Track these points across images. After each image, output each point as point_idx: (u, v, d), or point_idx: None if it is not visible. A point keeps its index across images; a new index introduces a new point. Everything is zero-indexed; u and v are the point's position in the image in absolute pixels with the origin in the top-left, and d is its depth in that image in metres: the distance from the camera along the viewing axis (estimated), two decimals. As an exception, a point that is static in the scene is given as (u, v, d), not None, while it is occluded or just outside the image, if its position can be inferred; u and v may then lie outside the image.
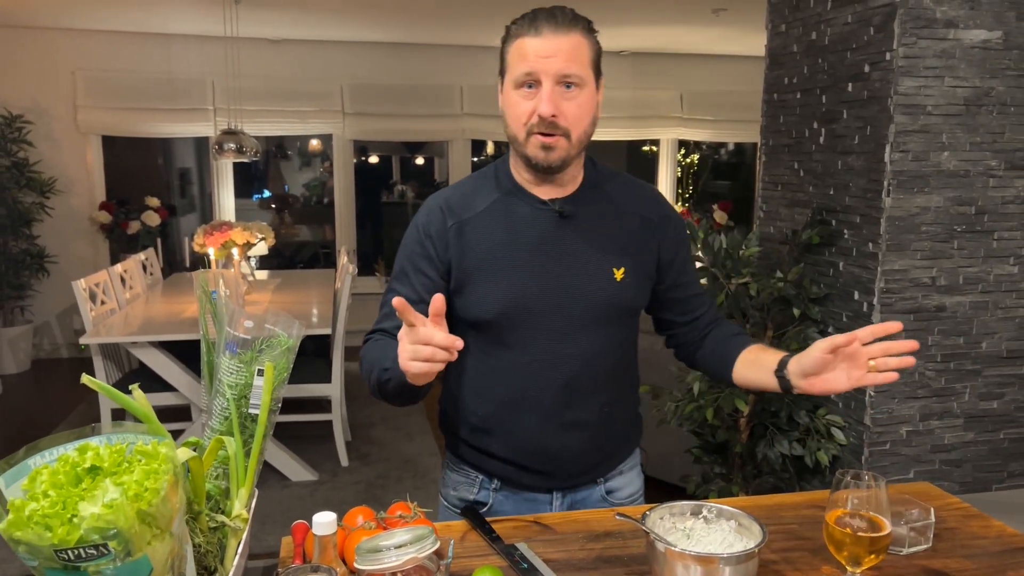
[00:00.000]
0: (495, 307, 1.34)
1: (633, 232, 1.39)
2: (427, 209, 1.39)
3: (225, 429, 1.02)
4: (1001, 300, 2.52)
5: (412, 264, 1.37)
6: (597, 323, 1.37)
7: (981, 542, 1.27)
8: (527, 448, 1.40)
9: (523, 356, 1.35)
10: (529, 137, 1.28)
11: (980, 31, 2.37)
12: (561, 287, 1.34)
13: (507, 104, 1.30)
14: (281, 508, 3.53)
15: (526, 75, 1.25)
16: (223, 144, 4.61)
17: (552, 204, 1.35)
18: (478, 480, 1.46)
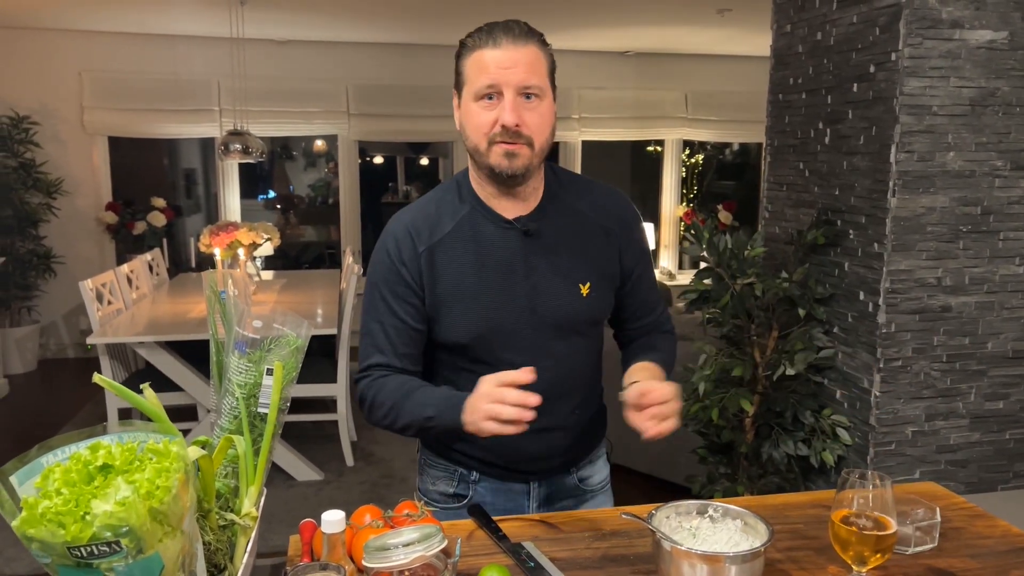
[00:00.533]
0: (469, 332, 1.36)
1: (596, 245, 1.42)
2: (394, 234, 1.38)
3: (235, 428, 1.03)
4: (1007, 300, 2.52)
5: (390, 291, 1.37)
6: (566, 336, 1.41)
7: (986, 542, 1.27)
8: (504, 453, 1.44)
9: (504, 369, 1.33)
10: (491, 146, 1.29)
11: (986, 31, 2.37)
12: (531, 307, 1.37)
13: (467, 116, 1.31)
14: (287, 508, 3.54)
15: (488, 87, 1.27)
16: (229, 145, 4.63)
17: (517, 223, 1.37)
18: (457, 473, 1.48)
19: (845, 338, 2.62)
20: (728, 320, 2.69)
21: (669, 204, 7.40)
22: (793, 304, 2.65)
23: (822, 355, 2.65)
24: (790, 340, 2.66)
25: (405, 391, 1.34)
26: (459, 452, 1.47)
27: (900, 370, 2.47)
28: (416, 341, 1.39)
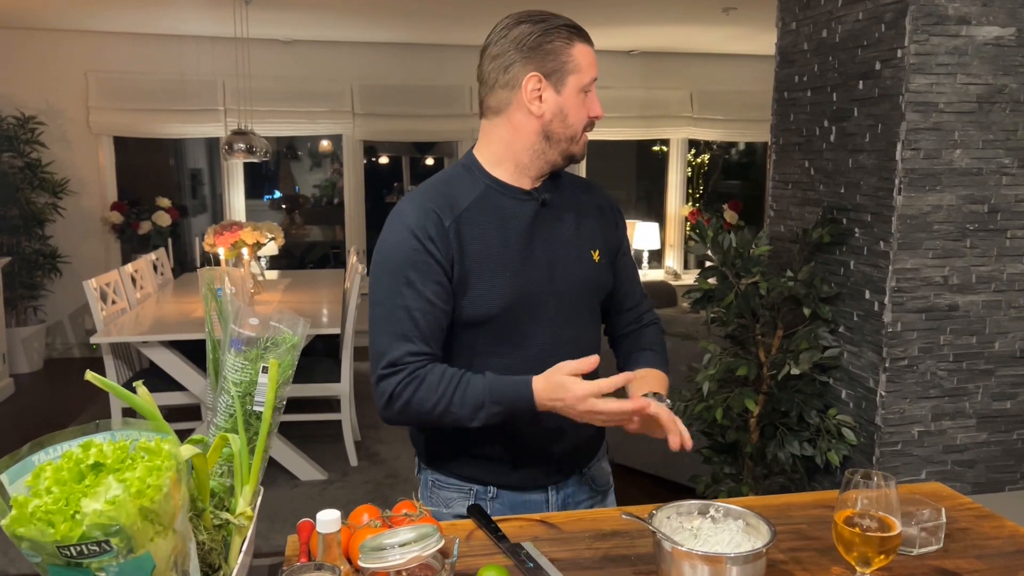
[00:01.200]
0: (500, 302, 1.34)
1: (595, 218, 1.48)
2: (415, 211, 1.33)
3: (230, 427, 1.02)
4: (1014, 299, 2.49)
5: (418, 273, 1.30)
6: (584, 307, 1.44)
7: (993, 543, 1.25)
8: (529, 444, 1.41)
9: (526, 349, 1.37)
10: (581, 136, 1.38)
11: (993, 27, 2.34)
12: (553, 274, 1.39)
13: (570, 105, 1.35)
14: (290, 507, 3.53)
15: (593, 79, 1.36)
16: (233, 144, 4.63)
17: (534, 193, 1.40)
18: (473, 491, 1.44)
19: (851, 337, 2.60)
20: (733, 319, 2.67)
21: (674, 203, 7.38)
22: (798, 303, 2.63)
23: (827, 354, 2.63)
24: (795, 339, 2.64)
25: (452, 382, 1.28)
26: (474, 467, 1.43)
27: (906, 369, 2.45)
28: (443, 325, 1.33)
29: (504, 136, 1.37)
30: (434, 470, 1.48)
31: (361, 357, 5.91)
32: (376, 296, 1.33)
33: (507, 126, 1.37)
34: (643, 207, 7.62)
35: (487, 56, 1.37)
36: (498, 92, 1.36)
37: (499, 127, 1.38)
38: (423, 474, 1.52)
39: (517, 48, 1.32)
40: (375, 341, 1.33)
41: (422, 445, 1.50)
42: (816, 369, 2.67)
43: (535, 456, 1.43)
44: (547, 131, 1.35)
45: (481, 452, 1.42)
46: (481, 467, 1.43)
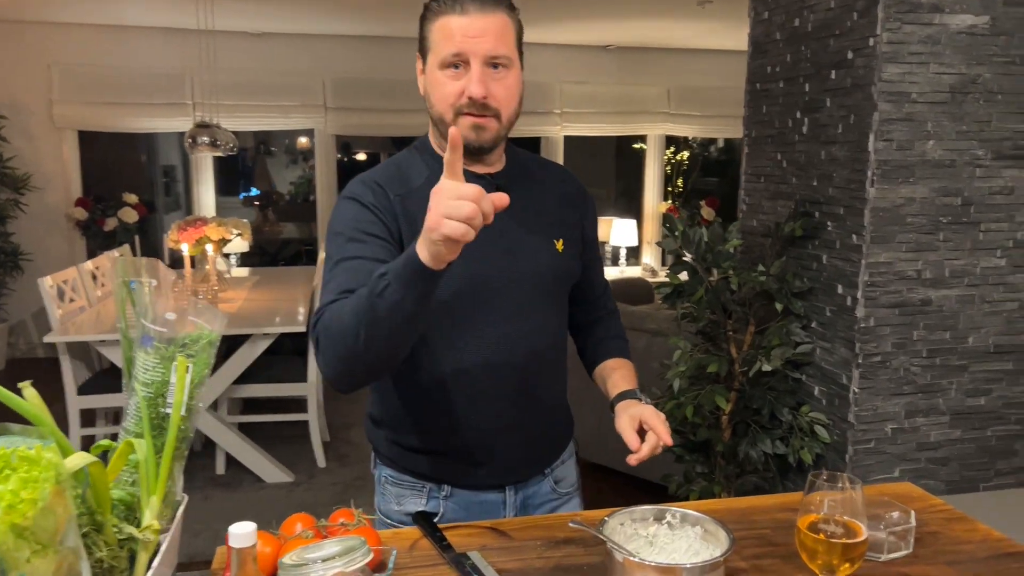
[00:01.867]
0: (452, 285, 1.23)
1: (561, 207, 1.42)
2: (359, 186, 1.30)
3: (140, 431, 0.93)
4: (988, 294, 2.45)
5: (362, 229, 1.23)
6: (545, 297, 1.36)
7: (966, 547, 1.19)
8: (488, 440, 1.34)
9: (481, 339, 1.30)
10: (458, 118, 1.24)
11: (967, 16, 2.29)
12: (511, 261, 1.31)
13: (432, 84, 1.26)
14: (255, 511, 3.43)
15: (454, 56, 1.21)
16: (197, 138, 4.51)
17: (489, 178, 1.32)
18: (426, 489, 1.37)
19: (823, 333, 2.54)
20: (704, 315, 2.61)
21: (652, 200, 7.33)
22: (770, 298, 2.57)
23: (800, 350, 2.57)
24: (767, 335, 2.58)
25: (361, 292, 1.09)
26: (428, 464, 1.37)
27: (879, 366, 2.40)
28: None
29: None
30: (387, 466, 1.42)
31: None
32: (323, 270, 1.28)
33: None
34: (622, 204, 7.57)
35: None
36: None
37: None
38: (378, 469, 1.45)
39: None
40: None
41: (376, 439, 1.43)
42: (788, 366, 2.62)
43: (493, 453, 1.35)
44: (428, 112, 1.29)
45: (435, 448, 1.36)
46: (435, 464, 1.36)
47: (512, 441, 1.35)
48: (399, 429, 1.38)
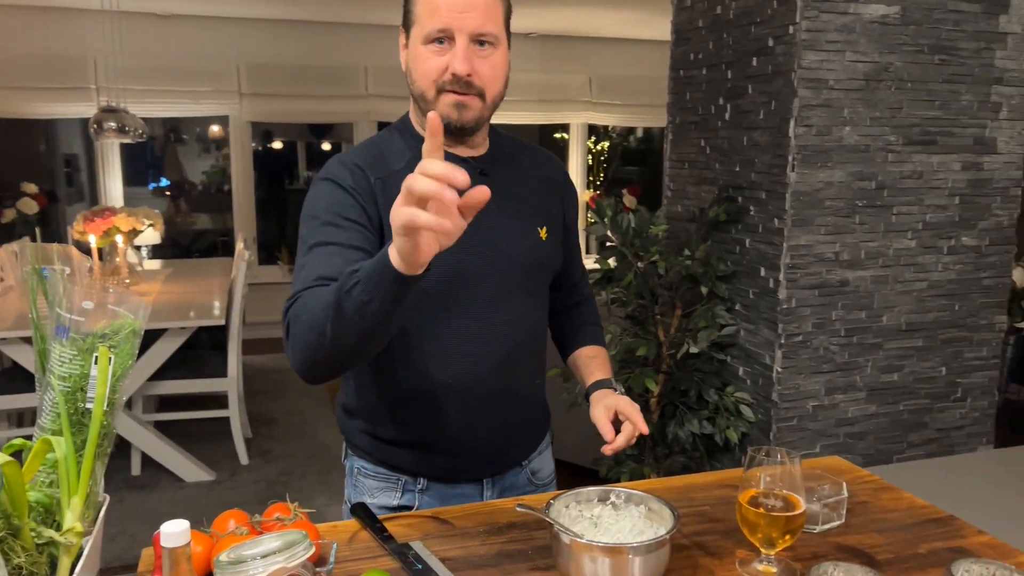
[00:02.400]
0: (433, 275, 1.17)
1: (544, 193, 1.38)
2: (337, 167, 1.23)
3: (57, 428, 0.87)
4: (900, 274, 2.55)
5: (339, 213, 1.18)
6: (527, 287, 1.33)
7: (893, 515, 1.23)
8: (465, 431, 1.30)
9: (461, 328, 1.25)
10: (440, 95, 1.19)
11: (879, 6, 2.38)
12: (494, 249, 1.27)
13: (415, 59, 1.20)
14: (174, 511, 3.30)
15: (439, 31, 1.16)
16: (103, 123, 4.28)
17: (472, 163, 1.28)
18: (401, 482, 1.33)
19: (747, 315, 2.60)
20: (632, 299, 2.64)
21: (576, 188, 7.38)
22: (696, 282, 2.62)
23: (725, 332, 2.63)
24: (693, 318, 2.63)
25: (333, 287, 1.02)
26: (404, 456, 1.32)
27: (800, 345, 2.48)
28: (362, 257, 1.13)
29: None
30: (360, 457, 1.37)
31: (250, 350, 5.65)
32: (297, 253, 1.20)
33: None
34: (544, 192, 7.59)
35: None
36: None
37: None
38: (349, 460, 1.39)
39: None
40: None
41: (349, 430, 1.38)
42: (714, 347, 2.67)
43: (470, 445, 1.32)
44: (409, 88, 1.24)
45: (412, 440, 1.31)
46: (410, 456, 1.32)
47: (490, 432, 1.32)
48: (374, 420, 1.33)
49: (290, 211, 7.17)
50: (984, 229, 2.62)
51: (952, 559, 0.96)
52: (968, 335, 2.66)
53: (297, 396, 4.90)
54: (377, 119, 6.46)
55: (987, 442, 2.76)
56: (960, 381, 2.68)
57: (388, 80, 6.32)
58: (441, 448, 1.31)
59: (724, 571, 1.06)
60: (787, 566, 1.06)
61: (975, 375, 2.70)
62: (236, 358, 3.74)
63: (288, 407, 4.66)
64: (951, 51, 2.48)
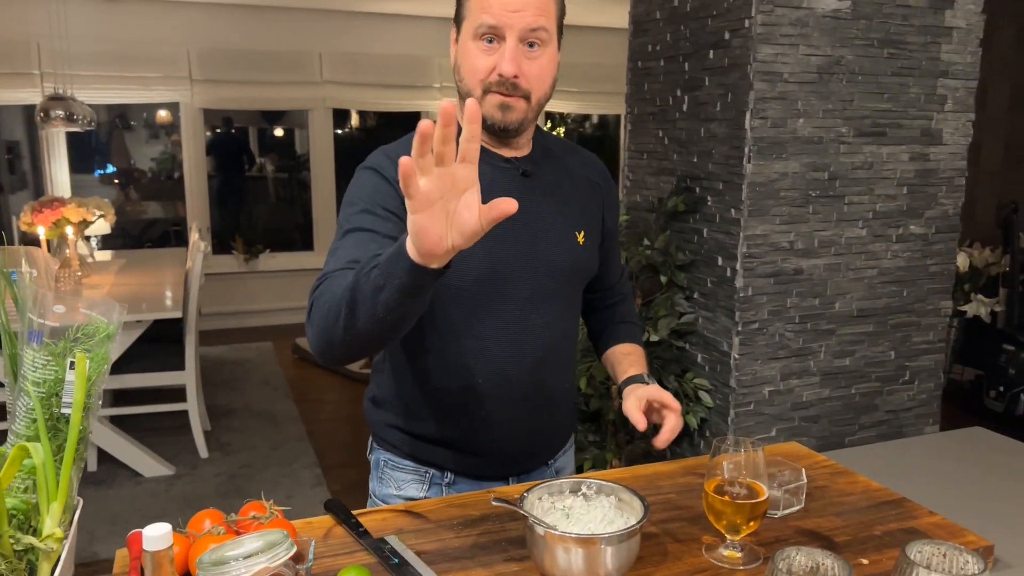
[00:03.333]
0: (471, 273, 1.21)
1: (585, 195, 1.37)
2: (381, 157, 1.23)
3: (33, 434, 0.86)
4: (852, 262, 2.63)
5: (377, 203, 1.18)
6: (562, 289, 1.33)
7: (849, 499, 1.29)
8: (497, 430, 1.31)
9: (498, 329, 1.26)
10: (486, 95, 1.19)
11: (831, 0, 2.43)
12: (532, 251, 1.27)
13: (463, 55, 1.20)
14: (133, 507, 3.26)
15: (490, 28, 1.16)
16: (50, 111, 4.16)
17: (515, 163, 1.28)
18: (428, 475, 1.34)
19: (705, 303, 2.66)
20: (594, 289, 2.67)
21: (532, 175, 7.41)
22: (656, 271, 2.67)
23: (684, 320, 2.68)
24: (653, 307, 2.67)
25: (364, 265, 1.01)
26: (433, 451, 1.32)
27: (757, 332, 2.54)
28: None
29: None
30: (387, 450, 1.37)
31: (206, 341, 5.57)
32: (334, 239, 1.20)
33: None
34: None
35: None
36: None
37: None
38: (375, 454, 1.40)
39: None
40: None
41: (377, 423, 1.38)
42: (673, 335, 2.73)
43: (500, 444, 1.33)
44: (457, 85, 1.23)
45: (442, 435, 1.32)
46: (440, 451, 1.33)
47: (520, 433, 1.33)
48: (405, 415, 1.34)
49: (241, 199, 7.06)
50: (931, 218, 2.71)
51: (906, 540, 1.02)
52: (916, 320, 2.76)
53: (255, 387, 4.85)
54: (332, 106, 6.39)
55: (933, 422, 2.87)
56: (908, 364, 2.78)
57: (342, 66, 6.25)
58: (471, 446, 1.32)
59: (691, 557, 1.10)
60: (751, 551, 1.11)
61: (923, 358, 2.80)
62: (193, 350, 3.69)
63: (247, 399, 4.62)
64: (900, 45, 2.55)
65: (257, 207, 7.09)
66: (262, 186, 7.27)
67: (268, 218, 6.98)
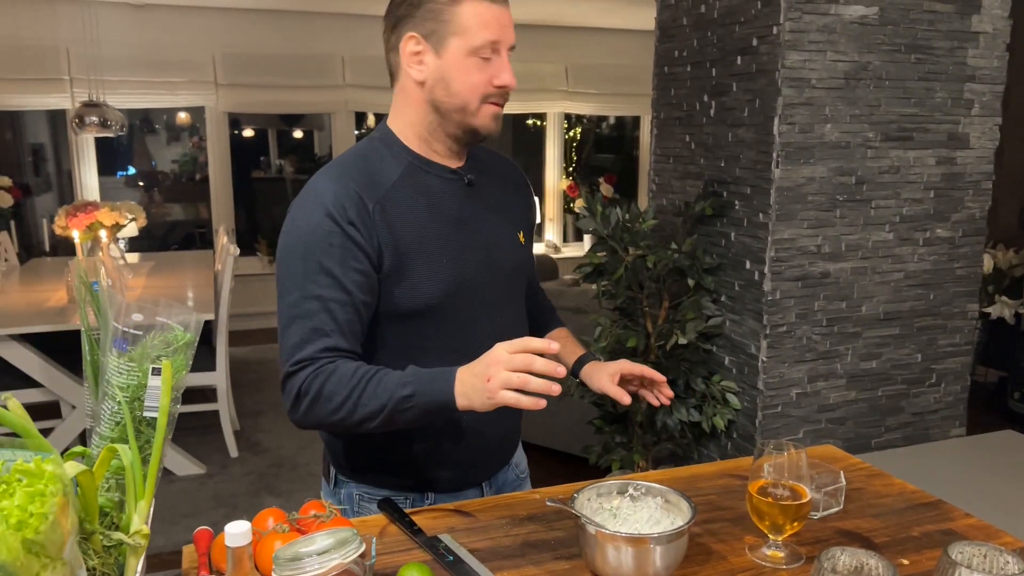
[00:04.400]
0: (440, 290, 1.24)
1: (516, 197, 1.44)
2: (333, 189, 1.20)
3: (117, 436, 0.91)
4: (878, 265, 2.65)
5: (335, 259, 1.17)
6: (515, 292, 1.39)
7: (886, 500, 1.32)
8: (474, 439, 1.34)
9: (466, 339, 1.27)
10: (482, 106, 1.23)
11: (858, 7, 2.46)
12: (488, 259, 1.32)
13: (457, 71, 1.21)
14: (167, 504, 3.33)
15: (492, 43, 1.20)
16: (84, 118, 4.25)
17: (460, 173, 1.32)
18: (409, 500, 1.34)
19: (732, 306, 2.69)
20: (622, 292, 2.71)
21: (553, 178, 7.45)
22: (683, 274, 2.70)
23: (711, 323, 2.71)
24: (681, 310, 2.71)
25: (365, 375, 1.13)
26: (411, 473, 1.33)
27: (784, 335, 2.57)
28: (363, 318, 1.20)
29: (403, 107, 1.28)
30: (359, 482, 1.36)
31: (237, 342, 5.65)
32: (286, 284, 1.19)
33: (402, 95, 1.28)
34: (521, 181, 7.64)
35: (384, 16, 1.27)
36: (389, 56, 1.28)
37: (397, 96, 1.29)
38: (344, 488, 1.37)
39: (402, 5, 1.23)
40: (285, 335, 1.18)
41: (341, 455, 1.36)
42: (701, 338, 2.76)
43: (478, 451, 1.37)
44: (432, 99, 1.24)
45: (414, 456, 1.32)
46: (414, 473, 1.34)
47: (494, 437, 1.38)
48: (380, 441, 1.31)
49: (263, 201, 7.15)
50: (957, 221, 2.73)
51: (944, 541, 1.05)
52: (942, 323, 2.77)
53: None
54: (355, 109, 6.45)
55: (959, 424, 2.89)
56: (934, 367, 2.80)
57: (365, 70, 6.31)
58: (450, 460, 1.34)
59: (735, 556, 1.14)
60: (793, 550, 1.14)
61: (948, 361, 2.82)
62: (224, 351, 3.76)
63: (273, 399, 4.68)
64: (926, 50, 2.57)
65: (276, 208, 7.17)
66: (281, 188, 7.35)
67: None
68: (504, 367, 1.04)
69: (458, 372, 1.10)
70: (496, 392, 1.04)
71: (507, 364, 1.04)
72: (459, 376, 1.10)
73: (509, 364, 1.04)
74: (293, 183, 7.32)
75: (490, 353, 1.07)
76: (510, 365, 1.04)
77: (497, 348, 1.07)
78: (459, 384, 1.09)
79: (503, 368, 1.04)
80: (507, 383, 1.03)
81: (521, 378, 1.03)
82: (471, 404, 1.08)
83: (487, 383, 1.05)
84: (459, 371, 1.11)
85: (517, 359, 1.04)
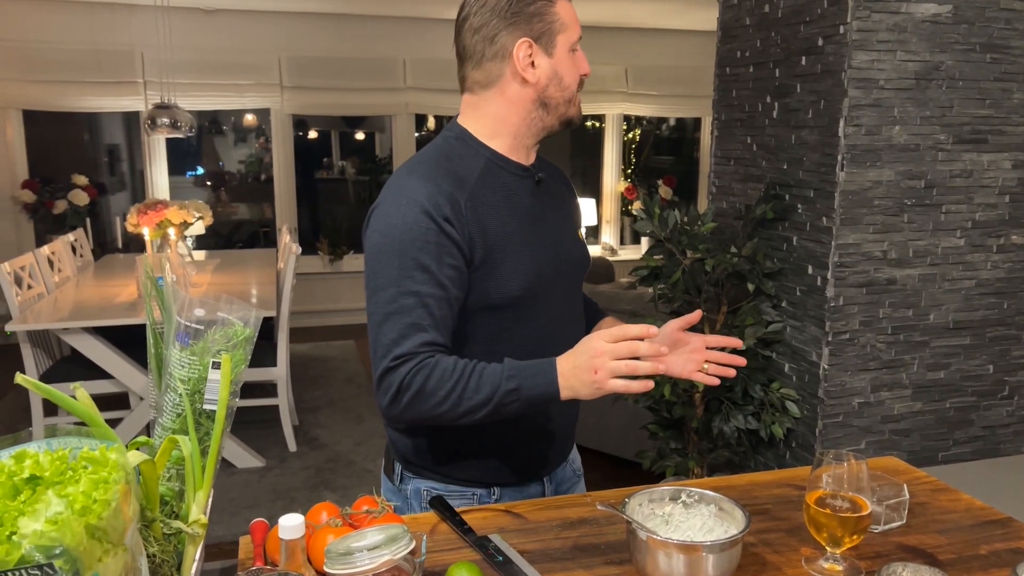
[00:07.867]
0: (525, 282, 1.28)
1: (570, 196, 1.50)
2: (425, 187, 1.21)
3: (178, 427, 0.94)
4: (948, 272, 2.56)
5: (431, 256, 1.19)
6: (577, 284, 1.44)
7: (952, 516, 1.27)
8: (540, 431, 1.37)
9: (541, 331, 1.32)
10: (575, 98, 1.32)
11: (931, 5, 2.38)
12: (557, 253, 1.36)
13: (566, 66, 1.29)
14: (227, 497, 3.41)
15: (579, 38, 1.30)
16: (156, 119, 4.39)
17: (532, 170, 1.36)
18: (476, 496, 1.36)
19: (793, 312, 2.63)
20: (679, 296, 2.67)
21: (610, 179, 7.40)
22: (742, 279, 2.65)
23: (771, 329, 2.66)
24: (740, 315, 2.66)
25: (466, 370, 1.15)
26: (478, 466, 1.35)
27: (847, 343, 2.50)
28: (455, 312, 1.23)
29: (498, 110, 1.30)
30: (426, 479, 1.36)
31: (297, 339, 5.76)
32: (380, 281, 1.20)
33: (500, 99, 1.29)
34: (578, 183, 7.62)
35: (467, 29, 1.28)
36: (486, 65, 1.28)
37: (491, 101, 1.30)
38: (410, 484, 1.38)
39: (500, 16, 1.25)
40: (381, 331, 1.19)
41: (411, 452, 1.37)
42: (760, 344, 2.70)
43: (533, 446, 1.38)
44: (543, 98, 1.29)
45: (483, 450, 1.34)
46: (481, 467, 1.35)
47: (558, 429, 1.39)
48: (448, 434, 1.32)
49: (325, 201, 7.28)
50: (1034, 227, 2.62)
51: (1014, 561, 1.01)
52: (1016, 333, 2.66)
53: (340, 384, 5.00)
54: (415, 111, 6.53)
55: (1033, 440, 2.77)
56: (1007, 379, 2.69)
57: (426, 73, 6.38)
58: (517, 451, 1.36)
59: (791, 568, 1.11)
60: (852, 564, 1.11)
61: (1022, 373, 2.70)
62: (285, 348, 3.84)
63: (332, 395, 4.77)
64: (1003, 49, 2.47)
65: (338, 208, 7.30)
66: (343, 188, 7.48)
67: (350, 220, 7.18)
68: (609, 357, 1.08)
69: (558, 364, 1.14)
70: (605, 382, 1.08)
71: (612, 354, 1.08)
72: (560, 369, 1.13)
73: (614, 354, 1.08)
74: (355, 184, 7.44)
75: (590, 346, 1.10)
76: (615, 354, 1.08)
77: (595, 340, 1.10)
78: (562, 377, 1.13)
79: (608, 359, 1.08)
80: (615, 371, 1.07)
81: (629, 365, 1.07)
82: (576, 395, 1.13)
83: (595, 375, 1.09)
84: (558, 362, 1.14)
85: (621, 348, 1.08)
